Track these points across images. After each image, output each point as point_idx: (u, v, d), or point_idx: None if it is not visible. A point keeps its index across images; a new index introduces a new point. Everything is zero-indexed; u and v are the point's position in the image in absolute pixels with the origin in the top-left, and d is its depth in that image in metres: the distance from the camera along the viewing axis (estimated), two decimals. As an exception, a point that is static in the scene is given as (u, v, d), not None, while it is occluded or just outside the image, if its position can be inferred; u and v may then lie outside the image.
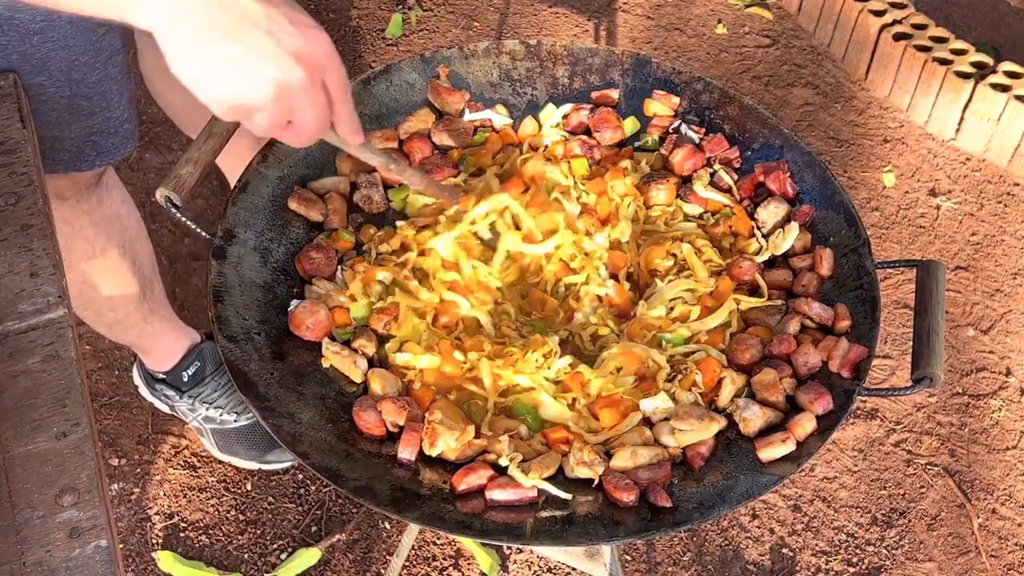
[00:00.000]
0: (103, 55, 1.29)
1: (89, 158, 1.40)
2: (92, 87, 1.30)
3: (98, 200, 1.49)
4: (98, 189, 1.48)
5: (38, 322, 0.97)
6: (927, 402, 2.16)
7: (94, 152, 1.39)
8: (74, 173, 1.41)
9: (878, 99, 2.78)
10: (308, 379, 1.20)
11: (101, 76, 1.30)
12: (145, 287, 1.70)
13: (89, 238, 1.51)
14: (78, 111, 1.31)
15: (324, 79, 1.01)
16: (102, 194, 1.50)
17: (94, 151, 1.39)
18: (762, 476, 1.10)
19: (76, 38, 1.24)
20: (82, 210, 1.47)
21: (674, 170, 1.44)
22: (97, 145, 1.39)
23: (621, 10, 3.01)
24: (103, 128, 1.37)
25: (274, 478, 1.98)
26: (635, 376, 1.22)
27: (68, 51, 1.24)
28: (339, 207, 1.37)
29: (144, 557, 1.87)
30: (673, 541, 1.94)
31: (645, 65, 1.49)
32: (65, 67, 1.25)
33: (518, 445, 1.15)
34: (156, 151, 2.55)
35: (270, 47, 0.94)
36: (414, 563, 1.87)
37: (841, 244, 1.31)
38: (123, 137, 1.41)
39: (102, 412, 2.05)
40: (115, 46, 1.31)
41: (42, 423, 0.89)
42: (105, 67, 1.30)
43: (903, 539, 1.96)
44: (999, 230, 2.49)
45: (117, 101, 1.36)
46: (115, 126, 1.38)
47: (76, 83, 1.27)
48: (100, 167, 1.43)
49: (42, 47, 1.21)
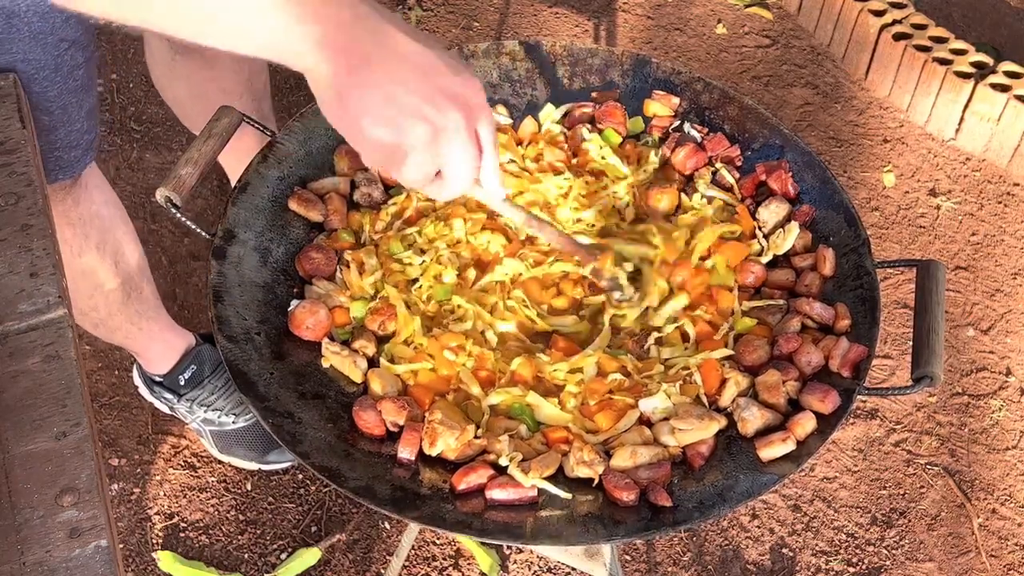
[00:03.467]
0: (63, 69, 1.27)
1: (52, 172, 1.40)
2: (52, 101, 1.29)
3: (74, 200, 1.49)
4: (75, 189, 1.48)
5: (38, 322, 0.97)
6: (927, 402, 2.16)
7: (56, 167, 1.39)
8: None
9: (878, 99, 2.78)
10: (308, 379, 1.20)
11: (61, 90, 1.29)
12: (130, 289, 1.69)
13: (66, 239, 1.50)
14: (39, 126, 1.30)
15: (476, 126, 0.97)
16: (79, 194, 1.49)
17: (56, 165, 1.39)
18: (762, 475, 1.10)
19: (36, 52, 1.22)
20: (58, 211, 1.46)
21: (676, 169, 1.44)
22: (60, 160, 1.38)
23: (621, 10, 3.01)
24: (65, 143, 1.36)
25: (274, 478, 1.98)
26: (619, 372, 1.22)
27: (28, 65, 1.22)
28: (339, 207, 1.37)
29: (144, 557, 1.87)
30: (673, 541, 1.94)
31: (645, 65, 1.49)
32: (25, 81, 1.23)
33: (518, 445, 1.15)
34: (156, 151, 2.55)
35: (428, 88, 0.91)
36: (414, 563, 1.87)
37: (841, 244, 1.31)
38: (84, 149, 1.41)
39: (102, 412, 2.05)
40: (77, 60, 1.29)
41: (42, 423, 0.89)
42: (66, 81, 1.29)
43: (903, 539, 1.96)
44: (999, 230, 2.49)
45: (77, 114, 1.35)
46: (76, 139, 1.38)
47: (36, 96, 1.26)
48: (64, 180, 1.43)
49: (1, 59, 1.20)
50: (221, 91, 1.80)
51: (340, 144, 1.41)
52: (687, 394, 1.19)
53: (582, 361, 1.22)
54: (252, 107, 1.88)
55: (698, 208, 1.38)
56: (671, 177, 1.44)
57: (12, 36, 1.19)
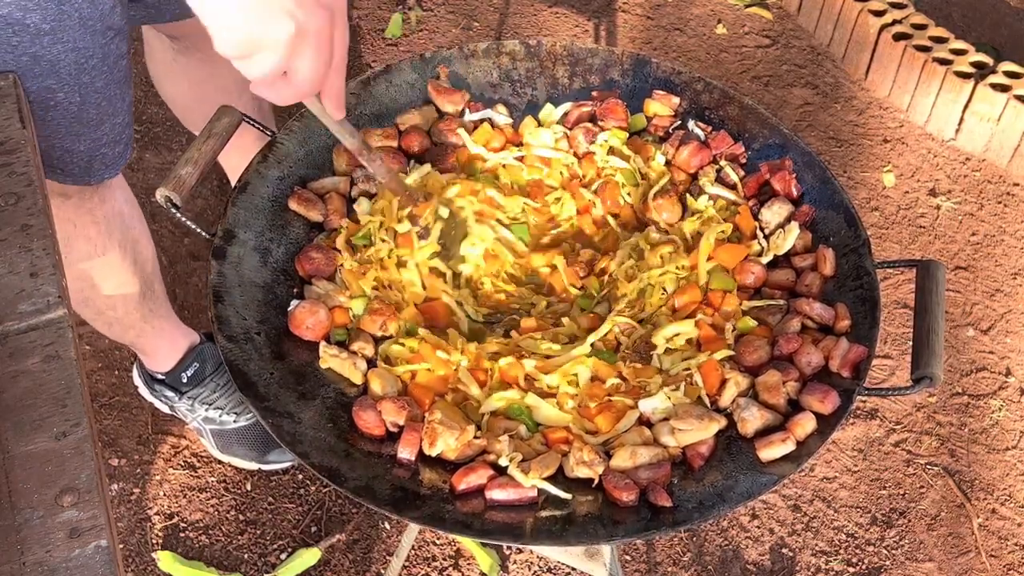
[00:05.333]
0: (110, 59, 1.28)
1: (99, 172, 1.40)
2: (100, 92, 1.29)
3: (101, 199, 1.50)
4: (101, 188, 1.49)
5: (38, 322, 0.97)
6: (927, 402, 2.16)
7: (103, 165, 1.40)
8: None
9: (878, 99, 2.78)
10: (308, 379, 1.20)
11: (107, 81, 1.30)
12: (146, 287, 1.70)
13: (91, 237, 1.51)
14: (87, 121, 1.31)
15: (334, 34, 0.97)
16: (105, 193, 1.50)
17: (103, 164, 1.40)
18: (762, 476, 1.10)
19: (85, 40, 1.23)
20: (85, 209, 1.47)
21: (680, 167, 1.44)
22: (105, 157, 1.39)
23: (621, 10, 3.01)
24: (111, 138, 1.37)
25: (274, 478, 1.98)
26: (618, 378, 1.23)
27: (77, 53, 1.23)
28: (339, 207, 1.37)
29: (144, 557, 1.87)
30: (673, 541, 1.94)
31: (645, 65, 1.49)
32: (75, 70, 1.24)
33: (518, 445, 1.15)
34: (156, 151, 2.55)
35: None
36: (414, 563, 1.87)
37: (841, 244, 1.31)
38: (125, 144, 1.42)
39: (102, 412, 2.05)
40: (122, 50, 1.30)
41: (42, 423, 0.89)
42: (112, 71, 1.30)
43: (903, 539, 1.96)
44: (999, 230, 2.49)
45: (121, 106, 1.36)
46: (119, 133, 1.38)
47: (85, 87, 1.27)
48: (108, 178, 1.44)
49: (52, 48, 1.20)
50: (221, 91, 1.80)
51: (339, 143, 1.41)
52: (688, 395, 1.19)
53: (574, 368, 1.22)
54: (252, 107, 1.89)
55: (703, 210, 1.38)
56: (674, 179, 1.44)
57: (63, 23, 1.19)
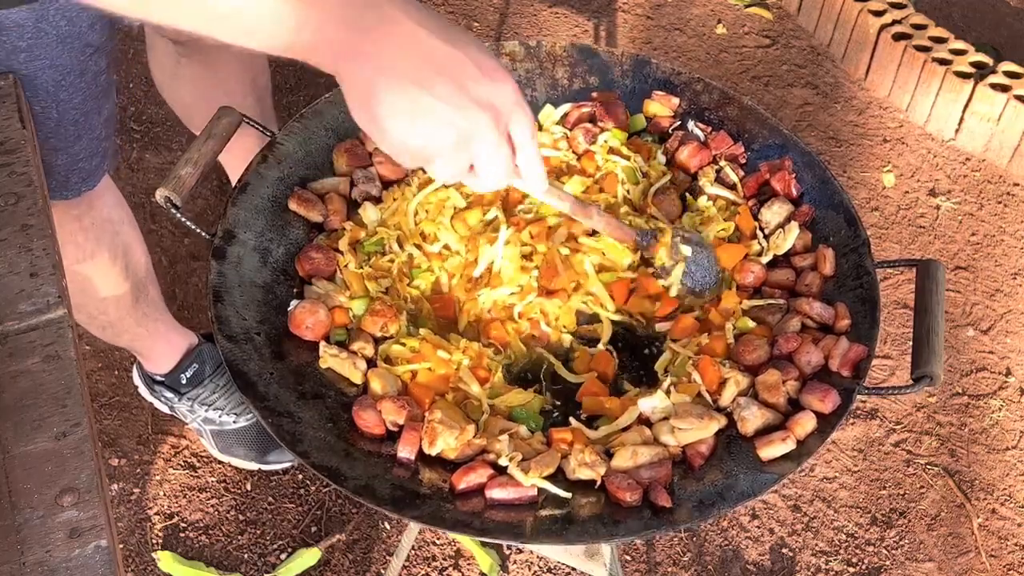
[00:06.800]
0: (88, 75, 1.27)
1: (76, 186, 1.40)
2: (77, 108, 1.29)
3: (88, 204, 1.49)
4: (88, 194, 1.48)
5: (38, 322, 0.97)
6: (927, 402, 2.16)
7: (80, 179, 1.39)
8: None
9: (878, 99, 2.78)
10: (308, 379, 1.20)
11: (85, 97, 1.29)
12: (139, 291, 1.69)
13: (79, 243, 1.50)
14: (65, 136, 1.30)
15: (509, 127, 0.98)
16: (93, 199, 1.49)
17: (80, 177, 1.39)
18: (762, 475, 1.10)
19: (64, 57, 1.22)
20: (72, 215, 1.46)
21: (680, 166, 1.44)
22: (82, 171, 1.38)
23: (621, 10, 3.01)
24: (88, 152, 1.36)
25: (274, 478, 1.98)
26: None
27: (55, 71, 1.22)
28: (339, 207, 1.37)
29: (144, 557, 1.87)
30: (673, 541, 1.94)
31: (645, 65, 1.49)
32: (52, 87, 1.23)
33: (518, 444, 1.15)
34: (156, 151, 2.55)
35: (455, 93, 0.91)
36: (414, 563, 1.87)
37: (841, 244, 1.31)
38: (102, 157, 1.41)
39: (102, 412, 2.05)
40: (100, 66, 1.29)
41: (42, 423, 0.89)
42: (90, 88, 1.29)
43: (903, 539, 1.97)
44: (999, 230, 2.49)
45: (98, 121, 1.35)
46: (96, 147, 1.38)
47: (63, 104, 1.26)
48: (86, 191, 1.43)
49: (30, 65, 1.20)
50: (225, 93, 1.80)
51: (339, 143, 1.41)
52: (687, 392, 1.19)
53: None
54: (255, 108, 1.89)
55: (703, 209, 1.38)
56: (675, 178, 1.44)
57: (40, 40, 1.18)
